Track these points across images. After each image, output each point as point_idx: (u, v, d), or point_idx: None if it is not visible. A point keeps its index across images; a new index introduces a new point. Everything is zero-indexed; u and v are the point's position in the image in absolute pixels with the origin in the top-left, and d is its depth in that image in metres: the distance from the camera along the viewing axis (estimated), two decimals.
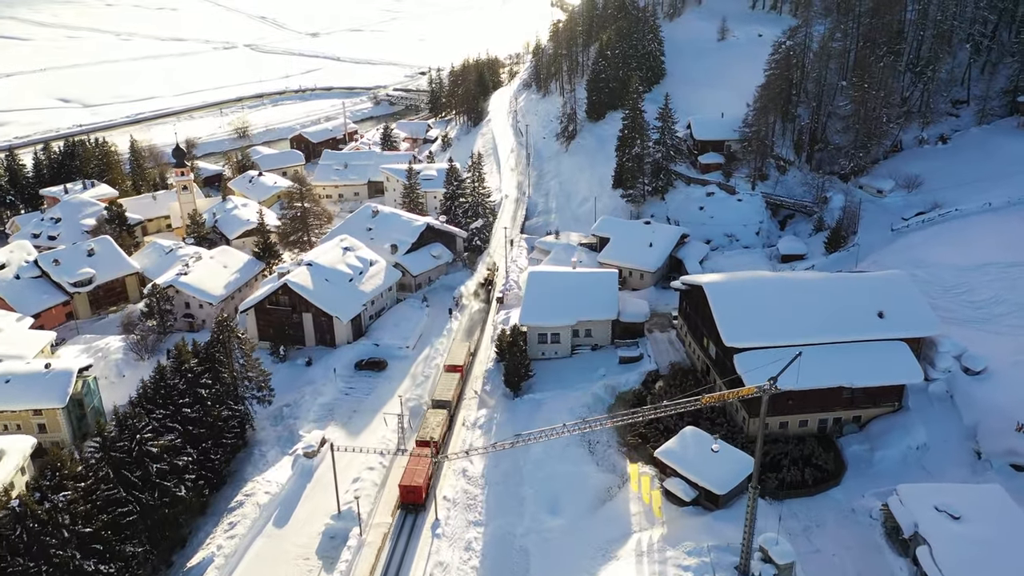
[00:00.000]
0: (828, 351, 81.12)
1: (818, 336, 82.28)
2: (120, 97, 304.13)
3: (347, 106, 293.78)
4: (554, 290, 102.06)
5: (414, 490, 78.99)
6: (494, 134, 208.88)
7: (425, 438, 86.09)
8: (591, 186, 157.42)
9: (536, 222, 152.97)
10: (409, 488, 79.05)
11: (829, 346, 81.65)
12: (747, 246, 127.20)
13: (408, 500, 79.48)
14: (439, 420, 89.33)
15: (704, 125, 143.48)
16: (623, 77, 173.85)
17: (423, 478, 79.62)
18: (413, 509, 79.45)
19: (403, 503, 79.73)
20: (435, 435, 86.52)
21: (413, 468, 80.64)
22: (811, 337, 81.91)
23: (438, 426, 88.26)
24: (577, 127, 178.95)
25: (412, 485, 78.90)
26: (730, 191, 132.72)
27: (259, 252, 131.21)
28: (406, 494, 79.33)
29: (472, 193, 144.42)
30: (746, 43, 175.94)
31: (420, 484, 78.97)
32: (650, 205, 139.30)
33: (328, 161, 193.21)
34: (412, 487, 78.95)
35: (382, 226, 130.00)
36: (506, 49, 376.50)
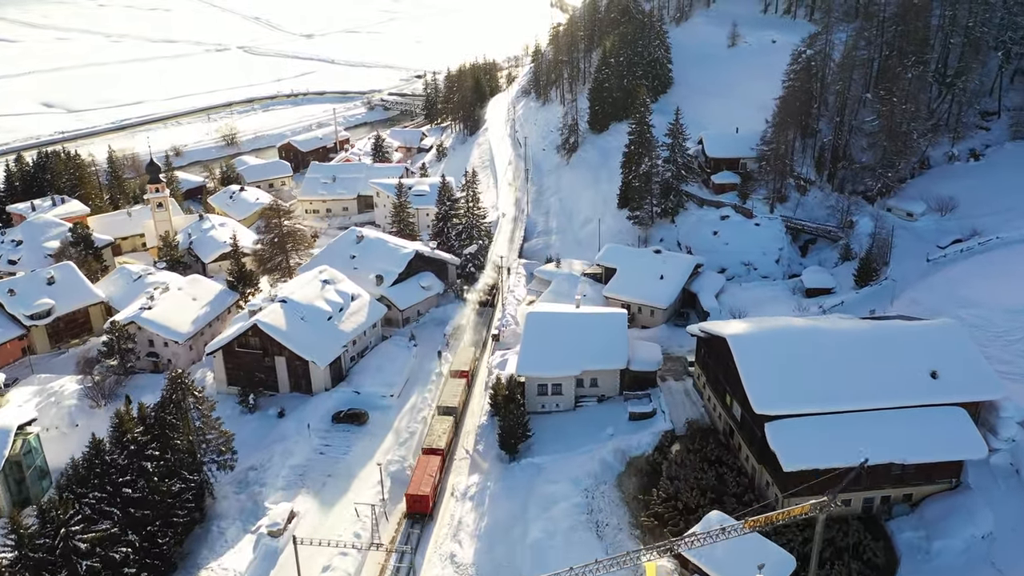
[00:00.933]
0: (874, 419, 69.03)
1: (862, 401, 70.12)
2: (106, 102, 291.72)
3: (340, 112, 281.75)
4: (555, 334, 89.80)
5: (421, 499, 77.04)
6: (491, 145, 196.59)
7: (431, 446, 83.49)
8: (594, 204, 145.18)
9: (535, 244, 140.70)
10: (416, 497, 77.09)
11: (874, 413, 69.55)
12: (766, 275, 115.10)
13: (415, 510, 77.36)
14: (445, 427, 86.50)
15: (717, 141, 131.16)
16: (628, 86, 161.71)
17: (430, 487, 77.56)
18: (419, 519, 77.02)
19: (409, 512, 77.48)
20: (441, 443, 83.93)
21: (420, 477, 78.69)
22: (854, 402, 69.87)
23: (444, 433, 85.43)
24: (579, 139, 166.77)
25: (419, 494, 76.99)
26: (747, 214, 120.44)
27: (233, 281, 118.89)
28: (413, 503, 77.33)
29: (466, 214, 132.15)
30: (759, 50, 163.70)
31: (427, 493, 76.97)
32: (659, 228, 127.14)
33: (315, 174, 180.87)
34: (419, 496, 77.01)
35: (367, 254, 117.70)
36: (505, 51, 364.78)
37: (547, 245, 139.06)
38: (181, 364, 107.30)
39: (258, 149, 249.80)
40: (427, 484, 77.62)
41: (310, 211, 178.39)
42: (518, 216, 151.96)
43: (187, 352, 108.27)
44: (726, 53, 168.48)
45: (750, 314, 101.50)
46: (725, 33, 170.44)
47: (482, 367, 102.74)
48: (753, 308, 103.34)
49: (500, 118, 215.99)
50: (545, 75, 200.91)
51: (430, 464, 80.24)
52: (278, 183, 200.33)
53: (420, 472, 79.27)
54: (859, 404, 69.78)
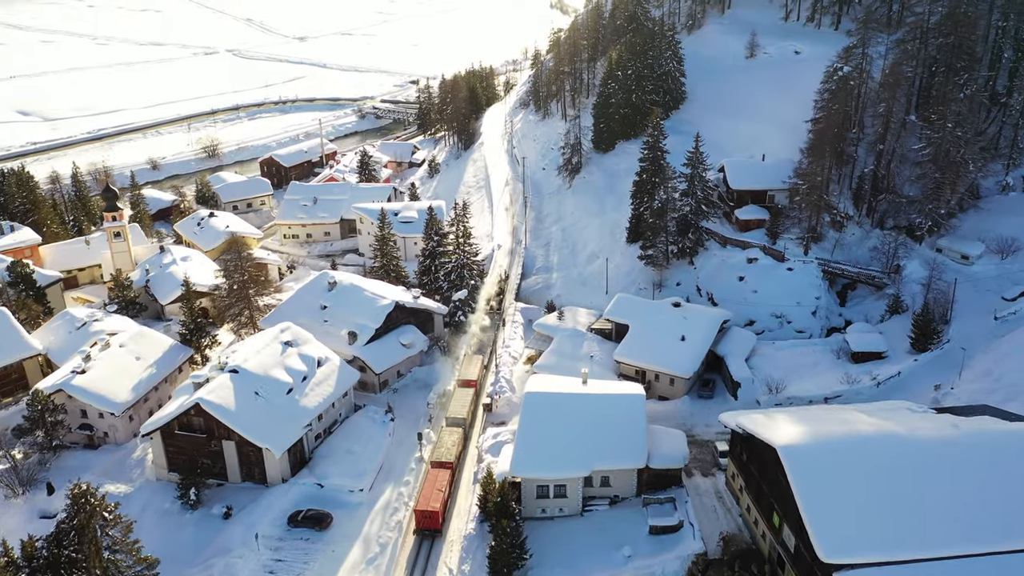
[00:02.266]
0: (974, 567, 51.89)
1: (959, 542, 52.98)
2: (84, 110, 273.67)
3: (330, 120, 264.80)
4: (559, 421, 72.54)
5: (431, 515, 73.51)
6: (486, 161, 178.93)
7: (440, 459, 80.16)
8: (601, 236, 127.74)
9: (534, 283, 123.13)
10: (425, 513, 73.53)
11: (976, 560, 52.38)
12: (801, 330, 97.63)
13: (424, 526, 73.84)
14: (454, 440, 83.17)
15: (741, 171, 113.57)
16: (636, 102, 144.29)
17: (440, 502, 74.34)
18: (429, 535, 73.60)
19: (419, 528, 73.91)
20: (451, 456, 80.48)
21: (429, 492, 75.32)
22: (949, 544, 52.74)
23: (454, 446, 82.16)
24: (582, 159, 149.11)
25: (429, 510, 73.43)
26: (777, 257, 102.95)
27: (186, 333, 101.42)
28: (422, 519, 73.75)
29: (456, 251, 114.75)
30: (781, 62, 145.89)
31: (436, 509, 73.56)
32: (675, 270, 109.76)
33: (295, 195, 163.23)
34: (429, 512, 73.43)
35: (340, 304, 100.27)
36: (503, 55, 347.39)
37: (547, 284, 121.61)
38: (120, 438, 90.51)
39: (241, 162, 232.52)
40: (437, 499, 74.14)
41: (288, 236, 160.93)
42: (515, 248, 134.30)
43: (126, 424, 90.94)
44: (744, 65, 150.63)
45: (790, 386, 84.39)
46: (742, 43, 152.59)
47: (471, 446, 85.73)
48: (792, 377, 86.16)
49: (497, 132, 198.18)
50: (545, 86, 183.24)
51: (439, 479, 76.80)
52: (257, 202, 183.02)
53: (429, 487, 75.90)
54: (956, 547, 52.60)
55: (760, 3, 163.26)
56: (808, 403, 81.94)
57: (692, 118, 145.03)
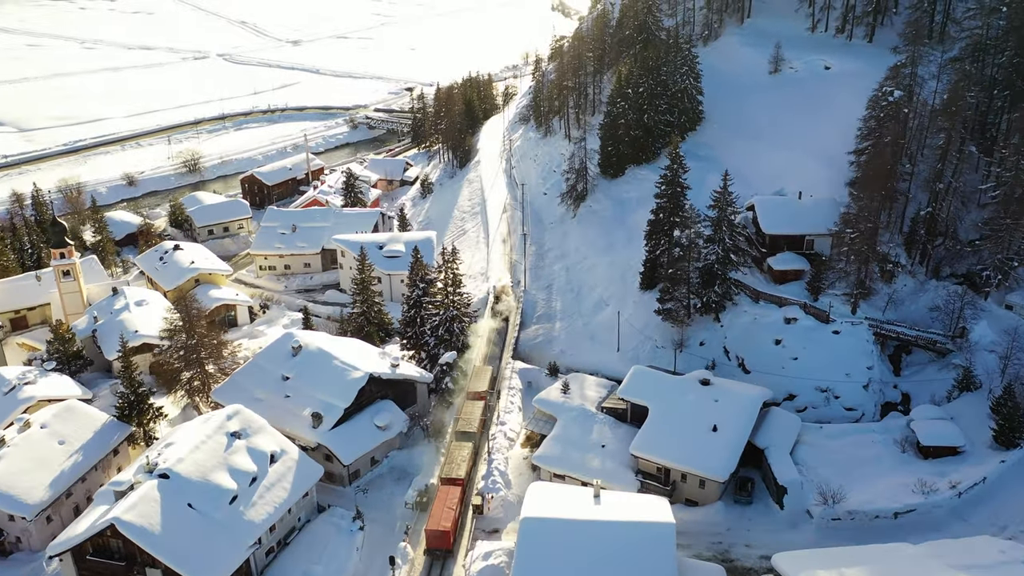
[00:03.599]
0: None
1: None
2: (64, 119, 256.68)
3: (320, 131, 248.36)
4: (566, 558, 55.91)
5: (442, 535, 68.94)
6: (483, 183, 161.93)
7: (451, 475, 75.03)
8: (610, 279, 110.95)
9: (535, 334, 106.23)
10: (436, 533, 68.91)
11: None
12: (851, 408, 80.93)
13: (435, 546, 69.36)
14: (464, 455, 77.72)
15: (775, 212, 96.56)
16: (648, 123, 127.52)
17: (451, 521, 69.83)
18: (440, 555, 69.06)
19: (429, 549, 69.45)
20: (461, 472, 75.35)
21: (439, 510, 70.72)
22: None
23: (464, 461, 76.79)
24: (588, 186, 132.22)
25: (439, 530, 68.85)
26: (821, 318, 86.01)
27: (124, 407, 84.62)
28: (433, 539, 69.23)
29: (445, 301, 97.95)
30: (810, 79, 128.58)
31: (448, 528, 69.07)
32: (699, 328, 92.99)
33: (272, 222, 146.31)
34: (440, 532, 68.78)
35: (305, 375, 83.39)
36: (503, 60, 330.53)
37: (549, 337, 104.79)
38: (35, 544, 73.93)
39: (224, 177, 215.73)
40: (448, 518, 69.77)
41: (264, 267, 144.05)
42: (513, 288, 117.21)
43: (43, 527, 74.32)
44: (767, 81, 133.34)
45: (849, 494, 67.57)
46: (765, 56, 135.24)
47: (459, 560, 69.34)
48: (850, 478, 69.41)
49: (494, 149, 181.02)
50: (546, 101, 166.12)
51: (450, 496, 72.32)
52: (235, 226, 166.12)
53: (440, 505, 71.29)
54: None
55: (783, 12, 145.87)
56: (875, 518, 65.32)
57: (710, 141, 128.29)
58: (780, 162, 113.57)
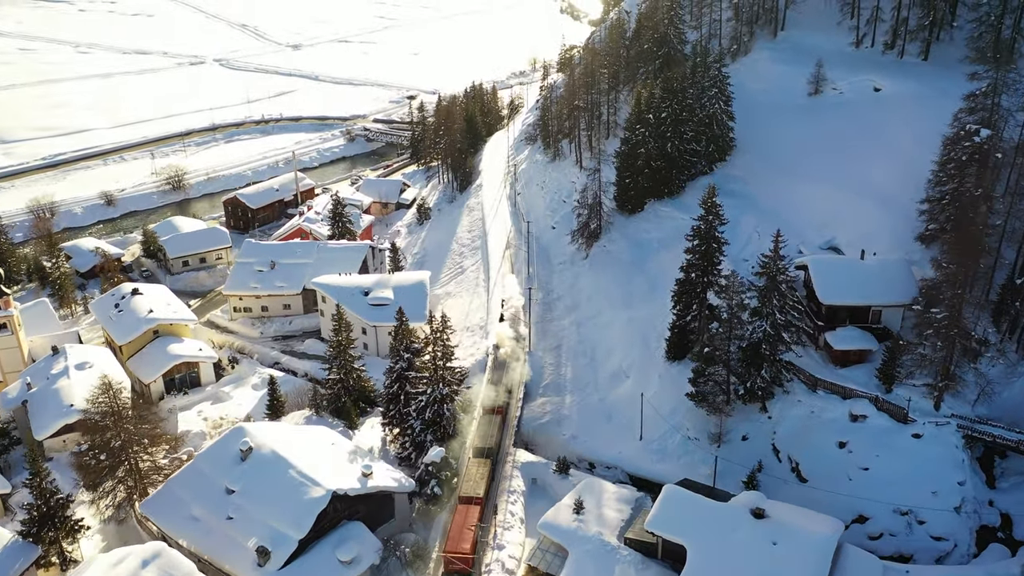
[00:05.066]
0: None
1: None
2: (48, 130, 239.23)
3: (315, 144, 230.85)
4: None
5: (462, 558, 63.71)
6: (484, 212, 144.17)
7: (469, 494, 70.58)
8: (629, 342, 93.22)
9: (541, 411, 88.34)
10: (455, 556, 63.77)
11: None
12: (940, 538, 63.05)
13: (454, 569, 64.28)
14: (482, 472, 73.29)
15: (832, 275, 78.04)
16: (672, 153, 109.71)
17: (470, 543, 65.10)
18: None
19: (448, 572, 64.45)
20: (479, 490, 71.02)
21: (458, 532, 66.22)
22: None
23: (482, 479, 72.47)
24: (602, 223, 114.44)
25: (459, 553, 63.87)
26: (897, 416, 68.00)
27: (32, 521, 67.16)
28: (452, 562, 63.99)
29: (433, 379, 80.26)
30: (857, 103, 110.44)
31: (467, 550, 64.25)
32: (741, 417, 75.18)
33: (248, 257, 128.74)
34: (459, 556, 63.79)
35: (254, 489, 65.75)
36: (509, 66, 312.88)
37: (558, 415, 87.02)
38: None
39: (211, 195, 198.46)
40: (467, 539, 65.67)
41: (239, 309, 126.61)
42: (515, 347, 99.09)
43: None
44: (807, 104, 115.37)
45: None
46: (803, 75, 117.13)
47: None
48: None
49: (497, 171, 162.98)
50: (555, 120, 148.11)
51: (469, 516, 68.52)
52: (212, 257, 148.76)
53: (458, 526, 67.34)
54: None
55: (822, 24, 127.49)
56: None
57: (743, 174, 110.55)
58: (828, 204, 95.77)
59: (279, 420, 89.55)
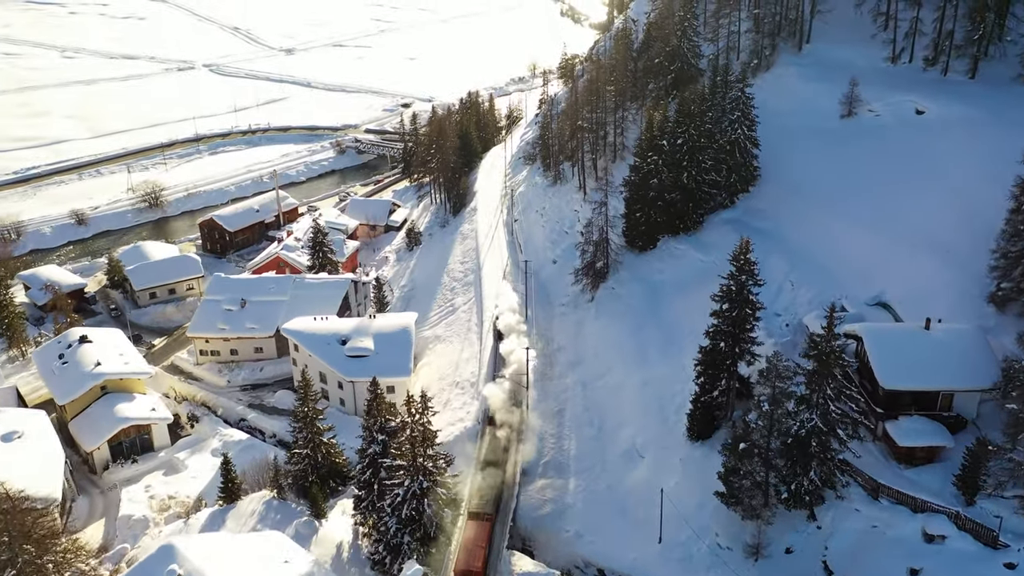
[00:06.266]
0: None
1: None
2: (23, 141, 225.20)
3: (303, 157, 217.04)
4: None
5: None
6: (478, 241, 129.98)
7: (480, 510, 68.35)
8: (644, 411, 79.27)
9: (540, 497, 74.22)
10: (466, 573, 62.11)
11: None
12: None
13: None
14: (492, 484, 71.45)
15: (893, 351, 63.40)
16: (689, 184, 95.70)
17: (481, 560, 63.09)
18: None
19: None
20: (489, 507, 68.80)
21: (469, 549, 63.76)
22: None
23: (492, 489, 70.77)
24: (609, 261, 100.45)
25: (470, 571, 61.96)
26: (986, 539, 53.73)
27: None
28: None
29: (412, 468, 66.29)
30: (897, 127, 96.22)
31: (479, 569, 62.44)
32: (784, 525, 61.13)
33: (216, 295, 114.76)
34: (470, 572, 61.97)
35: None
36: (508, 71, 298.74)
37: (560, 504, 73.03)
38: None
39: (191, 212, 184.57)
40: (478, 557, 62.87)
41: (207, 352, 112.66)
42: (509, 414, 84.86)
43: None
44: (839, 128, 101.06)
45: None
46: (834, 94, 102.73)
47: None
48: None
49: (493, 192, 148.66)
50: (556, 138, 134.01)
51: (479, 533, 65.03)
52: (183, 288, 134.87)
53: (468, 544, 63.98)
54: None
55: (853, 36, 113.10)
56: None
57: (769, 208, 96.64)
58: (872, 249, 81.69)
59: (234, 504, 76.04)
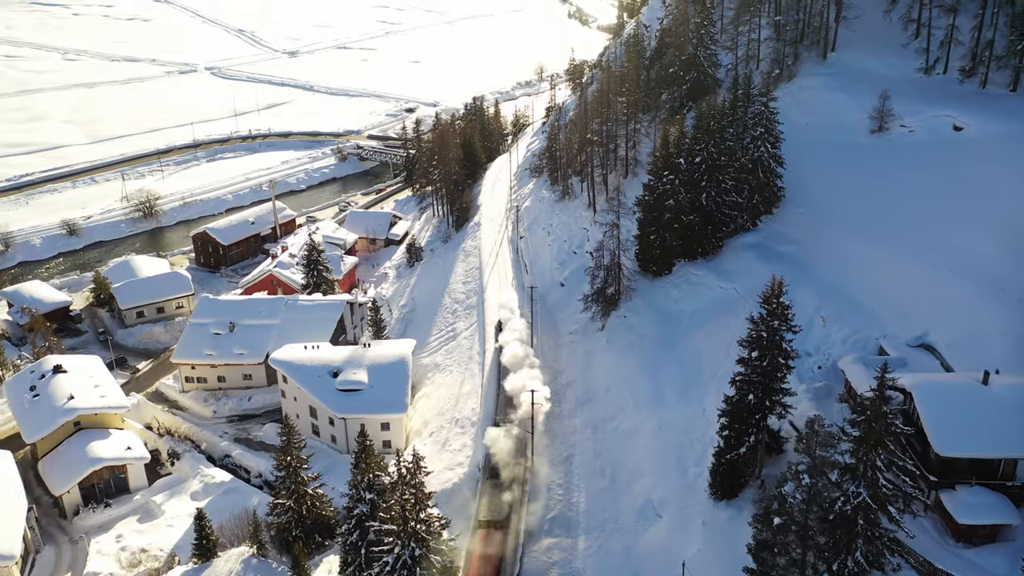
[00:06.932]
0: None
1: None
2: (19, 146, 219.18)
3: (303, 164, 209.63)
4: None
5: None
6: (481, 259, 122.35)
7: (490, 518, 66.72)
8: (661, 461, 71.59)
9: (546, 560, 66.24)
10: None
11: None
12: None
13: None
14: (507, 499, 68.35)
15: (949, 412, 54.99)
16: (708, 205, 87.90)
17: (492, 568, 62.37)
18: None
19: None
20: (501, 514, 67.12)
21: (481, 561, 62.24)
22: None
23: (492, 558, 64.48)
24: (621, 288, 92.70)
25: None
26: None
27: None
28: None
29: (403, 533, 58.69)
30: (933, 144, 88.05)
31: None
32: None
33: (203, 318, 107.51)
34: None
35: None
36: (515, 74, 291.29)
37: (569, 570, 65.24)
38: None
39: (186, 221, 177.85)
40: None
41: (192, 379, 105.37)
42: (512, 465, 76.87)
43: None
44: (869, 144, 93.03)
45: None
46: (863, 107, 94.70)
47: None
48: None
49: (498, 205, 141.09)
50: (564, 150, 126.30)
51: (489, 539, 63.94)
52: (171, 307, 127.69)
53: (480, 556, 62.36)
54: None
55: (881, 44, 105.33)
56: None
57: (794, 232, 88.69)
58: (911, 280, 73.64)
59: (209, 562, 68.61)
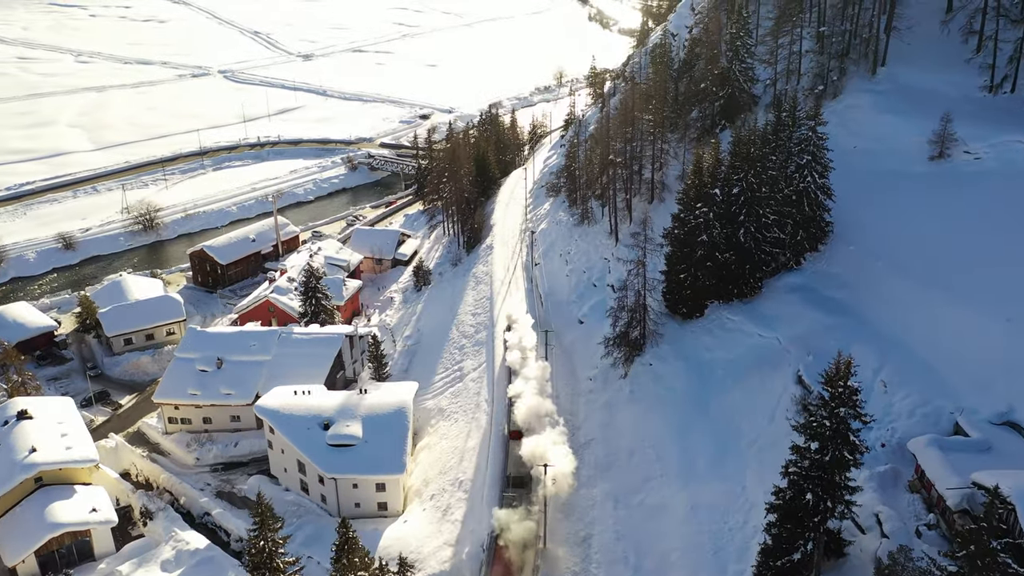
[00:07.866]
0: None
1: None
2: (22, 153, 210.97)
3: (313, 174, 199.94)
4: None
5: None
6: (493, 288, 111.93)
7: None
8: (698, 553, 60.99)
9: None
10: None
11: None
12: None
13: None
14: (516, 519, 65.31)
15: None
16: (747, 243, 77.03)
17: None
18: None
19: None
20: None
21: None
22: None
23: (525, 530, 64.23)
24: (646, 331, 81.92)
25: None
26: None
27: None
28: None
29: None
30: (1006, 174, 76.88)
31: None
32: None
33: (189, 352, 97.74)
34: None
35: None
36: (534, 79, 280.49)
37: None
38: None
39: (188, 235, 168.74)
40: None
41: (176, 421, 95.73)
42: (521, 557, 66.30)
43: None
44: (929, 173, 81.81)
45: None
46: (919, 130, 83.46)
47: None
48: None
49: (512, 227, 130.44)
50: (584, 170, 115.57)
51: None
52: (161, 334, 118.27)
53: None
54: None
55: (939, 58, 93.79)
56: None
57: (845, 274, 77.65)
58: (991, 342, 62.69)
59: None
